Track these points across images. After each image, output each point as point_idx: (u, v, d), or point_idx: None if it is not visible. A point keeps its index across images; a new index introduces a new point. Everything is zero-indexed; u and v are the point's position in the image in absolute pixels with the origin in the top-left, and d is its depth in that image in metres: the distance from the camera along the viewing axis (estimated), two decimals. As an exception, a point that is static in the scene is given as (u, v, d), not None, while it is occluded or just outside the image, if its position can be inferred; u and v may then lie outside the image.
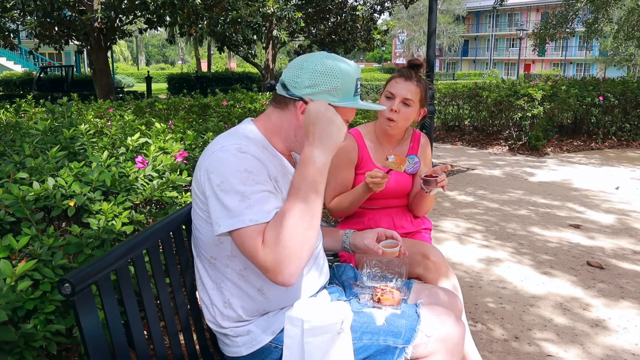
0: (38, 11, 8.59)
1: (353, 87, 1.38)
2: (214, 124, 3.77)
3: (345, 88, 1.36)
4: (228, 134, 1.39)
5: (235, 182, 1.25)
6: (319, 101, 1.33)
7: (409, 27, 55.80)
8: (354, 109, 1.43)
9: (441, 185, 1.98)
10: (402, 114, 2.09)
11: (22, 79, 20.08)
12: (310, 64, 1.36)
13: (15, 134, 2.64)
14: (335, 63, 1.36)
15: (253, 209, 1.24)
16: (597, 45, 35.21)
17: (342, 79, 1.35)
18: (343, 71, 1.36)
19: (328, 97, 1.35)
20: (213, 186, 1.27)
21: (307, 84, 1.35)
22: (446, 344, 1.43)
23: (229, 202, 1.25)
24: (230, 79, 20.91)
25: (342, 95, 1.36)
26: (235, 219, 1.24)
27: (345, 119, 1.39)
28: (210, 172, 1.29)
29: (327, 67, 1.35)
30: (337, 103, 1.36)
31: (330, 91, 1.35)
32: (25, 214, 1.72)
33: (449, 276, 1.96)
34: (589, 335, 2.60)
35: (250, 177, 1.26)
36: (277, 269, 1.20)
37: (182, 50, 57.06)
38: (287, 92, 1.37)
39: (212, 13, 8.90)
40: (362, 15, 13.50)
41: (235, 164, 1.27)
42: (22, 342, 1.45)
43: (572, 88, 8.68)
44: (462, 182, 6.18)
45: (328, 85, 1.34)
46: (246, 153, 1.29)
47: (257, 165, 1.29)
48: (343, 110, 1.38)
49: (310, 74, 1.35)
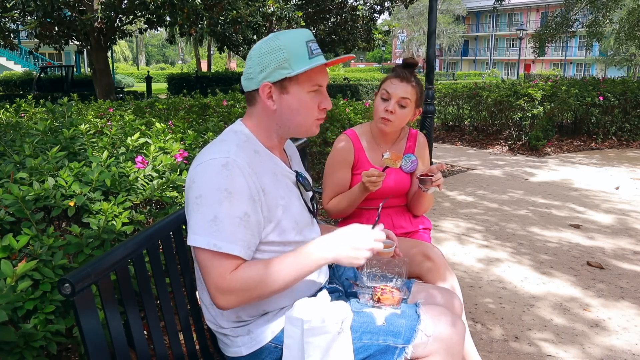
0: (38, 11, 8.58)
1: (304, 50, 1.33)
2: (214, 124, 3.78)
3: (295, 55, 1.32)
4: (220, 139, 1.39)
5: (211, 200, 1.25)
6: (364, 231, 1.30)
7: (409, 27, 55.79)
8: (324, 70, 1.39)
9: (437, 184, 1.97)
10: (398, 115, 2.09)
11: (22, 79, 20.07)
12: (256, 51, 1.35)
13: (15, 134, 2.64)
14: (277, 37, 1.34)
15: (220, 234, 1.24)
16: (597, 46, 35.20)
17: (287, 47, 1.31)
18: (286, 40, 1.32)
19: (281, 71, 1.32)
20: (191, 197, 1.28)
21: (259, 69, 1.34)
22: (446, 344, 1.43)
23: (199, 219, 1.25)
24: (230, 79, 20.89)
25: (294, 62, 1.32)
26: (200, 237, 1.25)
27: (315, 83, 1.35)
28: (193, 182, 1.29)
29: (270, 45, 1.33)
30: (292, 72, 1.32)
31: (281, 65, 1.32)
32: (25, 214, 1.72)
33: (448, 276, 1.96)
34: (588, 335, 2.60)
35: (227, 198, 1.25)
36: (228, 299, 1.25)
37: (182, 50, 57.04)
38: (248, 87, 1.38)
39: (212, 13, 8.90)
40: (362, 15, 13.49)
41: (216, 181, 1.26)
42: (22, 342, 1.45)
43: (572, 88, 8.69)
44: (462, 182, 6.18)
45: (277, 60, 1.32)
46: (232, 169, 1.27)
47: (239, 185, 1.27)
48: (307, 76, 1.34)
49: (258, 58, 1.34)
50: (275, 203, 1.35)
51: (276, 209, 1.35)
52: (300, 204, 1.46)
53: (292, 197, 1.43)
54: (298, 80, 1.34)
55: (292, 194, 1.44)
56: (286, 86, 1.34)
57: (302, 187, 1.50)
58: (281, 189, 1.39)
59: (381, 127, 2.13)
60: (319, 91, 1.38)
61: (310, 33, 1.38)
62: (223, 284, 1.25)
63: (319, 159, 4.66)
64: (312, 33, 11.22)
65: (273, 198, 1.35)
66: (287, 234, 1.38)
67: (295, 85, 1.35)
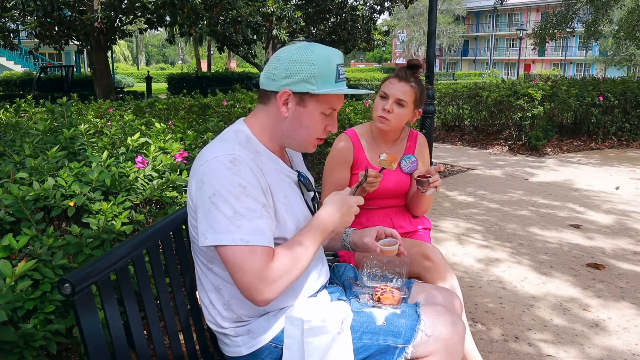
0: (38, 11, 8.58)
1: (334, 73, 1.34)
2: (214, 124, 3.78)
3: (324, 74, 1.33)
4: (221, 138, 1.38)
5: (228, 197, 1.24)
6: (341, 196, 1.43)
7: (409, 27, 55.79)
8: (341, 96, 1.41)
9: (434, 186, 1.98)
10: (395, 114, 2.10)
11: (22, 79, 20.08)
12: (287, 54, 1.34)
13: (15, 134, 2.64)
14: (312, 50, 1.34)
15: (245, 229, 1.23)
16: (597, 45, 35.22)
17: (319, 65, 1.32)
18: (320, 57, 1.32)
19: (306, 85, 1.32)
20: (204, 197, 1.26)
21: (284, 74, 1.33)
22: (446, 344, 1.43)
23: (219, 217, 1.24)
24: (230, 79, 20.90)
25: (321, 81, 1.32)
26: (224, 235, 1.23)
27: (331, 106, 1.37)
28: (203, 182, 1.27)
29: (303, 55, 1.32)
30: (317, 90, 1.33)
31: (308, 79, 1.32)
32: (25, 214, 1.72)
33: (448, 276, 1.96)
34: (588, 335, 2.60)
35: (244, 192, 1.25)
36: (275, 289, 1.26)
37: (182, 50, 57.05)
38: (267, 86, 1.37)
39: (212, 13, 8.90)
40: (362, 15, 13.50)
41: (229, 177, 1.25)
42: (22, 342, 1.45)
43: (572, 88, 8.68)
44: (462, 182, 6.18)
45: (305, 73, 1.32)
46: (240, 165, 1.27)
47: (250, 179, 1.27)
48: (326, 97, 1.36)
49: (287, 64, 1.33)
50: (278, 201, 1.35)
51: (280, 207, 1.36)
52: (302, 204, 1.47)
53: (294, 196, 1.43)
54: (318, 99, 1.35)
55: (294, 193, 1.44)
56: (305, 100, 1.35)
57: (304, 187, 1.50)
58: (284, 188, 1.39)
59: (379, 125, 2.14)
60: (331, 114, 1.39)
61: (342, 56, 1.39)
62: (268, 275, 1.24)
63: (319, 159, 4.66)
64: (312, 33, 11.12)
65: (277, 196, 1.35)
66: (289, 233, 1.38)
67: (314, 103, 1.35)
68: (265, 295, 1.25)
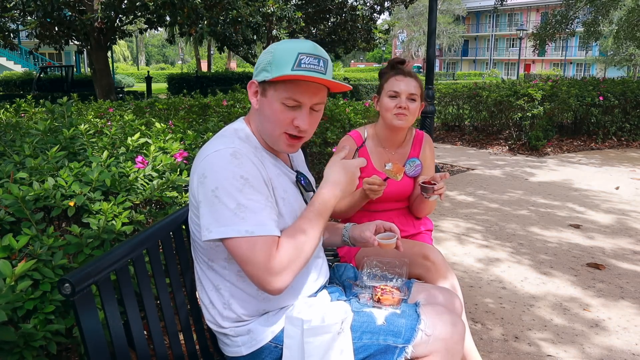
0: (38, 11, 8.59)
1: (291, 60, 1.29)
2: (214, 124, 3.77)
3: (279, 61, 1.31)
4: (221, 134, 1.40)
5: (230, 189, 1.24)
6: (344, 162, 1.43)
7: (409, 27, 55.78)
8: (310, 90, 1.32)
9: (438, 193, 1.98)
10: (411, 109, 2.13)
11: (22, 79, 20.08)
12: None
13: (15, 134, 2.64)
14: (281, 42, 1.37)
15: (249, 220, 1.24)
16: (597, 46, 35.22)
17: (276, 52, 1.32)
18: (281, 47, 1.34)
19: (264, 73, 1.34)
20: (207, 191, 1.27)
21: (257, 67, 1.39)
22: (446, 344, 1.43)
23: (222, 209, 1.24)
24: (230, 79, 20.89)
25: (275, 68, 1.31)
26: (229, 227, 1.24)
27: (290, 96, 1.31)
28: (205, 177, 1.28)
29: (270, 46, 1.38)
30: (269, 76, 1.31)
31: (265, 67, 1.34)
32: (25, 214, 1.72)
33: (448, 276, 1.96)
34: (588, 335, 2.60)
35: (246, 184, 1.26)
36: (283, 278, 1.25)
37: (182, 50, 57.03)
38: None
39: (212, 13, 8.90)
40: (362, 15, 13.50)
41: (231, 170, 1.26)
42: (22, 342, 1.45)
43: (572, 88, 8.68)
44: (462, 182, 6.18)
45: (264, 62, 1.35)
46: (241, 157, 1.28)
47: (252, 171, 1.28)
48: (284, 86, 1.30)
49: (260, 57, 1.40)
50: (278, 195, 1.36)
51: (279, 201, 1.36)
52: (301, 203, 1.47)
53: (293, 192, 1.44)
54: (275, 87, 1.33)
55: (293, 191, 1.44)
56: (266, 89, 1.35)
57: (302, 187, 1.50)
58: (283, 184, 1.40)
59: (398, 123, 2.13)
60: (298, 108, 1.33)
61: (315, 48, 1.34)
62: (275, 265, 1.24)
63: (319, 159, 4.66)
64: (312, 33, 11.06)
65: (277, 190, 1.36)
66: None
67: (272, 91, 1.34)
68: (274, 285, 1.25)
